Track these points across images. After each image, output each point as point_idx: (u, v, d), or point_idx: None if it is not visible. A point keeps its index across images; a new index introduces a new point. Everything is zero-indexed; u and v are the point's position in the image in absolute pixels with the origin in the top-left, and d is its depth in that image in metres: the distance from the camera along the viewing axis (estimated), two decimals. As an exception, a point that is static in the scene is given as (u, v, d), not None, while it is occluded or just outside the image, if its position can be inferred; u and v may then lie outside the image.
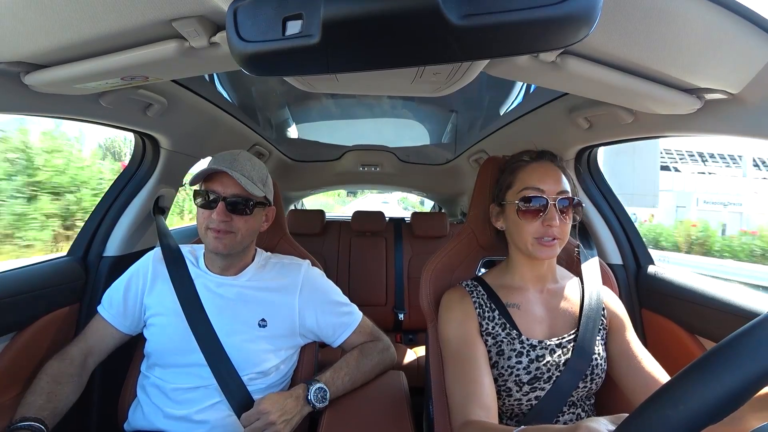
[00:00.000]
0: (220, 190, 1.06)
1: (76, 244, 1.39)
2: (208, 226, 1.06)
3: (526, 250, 0.95)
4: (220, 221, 1.05)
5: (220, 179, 1.06)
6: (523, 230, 0.94)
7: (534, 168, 0.97)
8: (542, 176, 0.94)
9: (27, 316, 1.13)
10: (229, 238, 1.07)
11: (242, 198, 1.07)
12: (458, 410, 0.88)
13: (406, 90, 0.99)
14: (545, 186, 0.93)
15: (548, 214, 0.91)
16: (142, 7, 0.62)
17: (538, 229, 0.92)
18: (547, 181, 0.93)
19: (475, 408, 0.85)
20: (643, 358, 0.94)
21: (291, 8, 0.41)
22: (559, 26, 0.39)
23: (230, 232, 1.06)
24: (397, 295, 2.62)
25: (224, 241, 1.06)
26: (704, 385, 0.42)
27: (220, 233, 1.06)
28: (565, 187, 0.93)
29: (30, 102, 0.95)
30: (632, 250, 1.52)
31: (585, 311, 0.97)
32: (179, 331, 1.07)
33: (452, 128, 2.28)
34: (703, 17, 0.63)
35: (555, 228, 0.91)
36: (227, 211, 1.05)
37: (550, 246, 0.92)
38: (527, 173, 0.96)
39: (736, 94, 0.82)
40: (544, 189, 0.92)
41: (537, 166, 0.97)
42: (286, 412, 0.99)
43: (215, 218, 1.04)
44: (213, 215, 1.05)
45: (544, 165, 0.97)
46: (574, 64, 0.75)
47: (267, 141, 2.25)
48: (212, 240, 1.06)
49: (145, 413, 1.08)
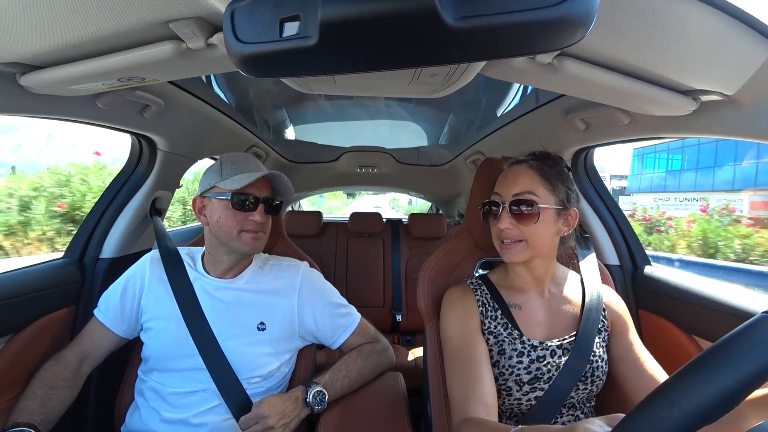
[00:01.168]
0: (257, 192, 1.10)
1: (73, 246, 1.38)
2: (243, 228, 1.09)
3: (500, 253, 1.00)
4: (260, 222, 1.10)
5: (255, 184, 1.10)
6: (492, 234, 1.01)
7: (504, 174, 1.00)
8: (503, 181, 0.99)
9: (22, 318, 1.12)
10: (264, 238, 1.14)
11: (273, 198, 1.15)
12: (458, 407, 0.88)
13: (404, 91, 0.99)
14: (502, 190, 0.97)
15: (499, 217, 0.95)
16: (139, 9, 0.62)
17: (498, 233, 0.97)
18: (503, 185, 0.97)
19: (475, 405, 0.85)
20: (646, 360, 0.95)
21: (288, 9, 0.41)
22: (555, 28, 0.39)
23: (264, 232, 1.13)
24: (395, 297, 2.63)
25: (261, 241, 1.13)
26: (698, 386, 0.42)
27: (258, 234, 1.11)
28: (522, 189, 0.94)
29: (26, 103, 0.94)
30: (629, 250, 1.52)
31: (585, 313, 0.97)
32: (178, 335, 1.06)
33: (449, 129, 2.29)
34: (698, 19, 0.63)
35: (507, 230, 0.94)
36: (265, 212, 1.11)
37: (508, 248, 0.95)
38: (501, 178, 1.01)
39: (732, 96, 0.82)
40: (501, 193, 0.97)
41: (507, 171, 1.00)
42: (285, 416, 0.98)
43: (256, 219, 1.09)
44: (252, 217, 1.09)
45: (513, 169, 0.99)
46: (570, 66, 0.75)
47: (264, 142, 2.25)
48: (250, 241, 1.10)
49: (143, 417, 1.07)
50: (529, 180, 0.95)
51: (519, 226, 0.93)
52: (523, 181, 0.94)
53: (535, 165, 0.97)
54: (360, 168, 2.85)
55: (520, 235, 0.93)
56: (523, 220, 0.93)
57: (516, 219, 0.93)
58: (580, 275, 1.08)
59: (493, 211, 0.98)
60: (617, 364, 0.96)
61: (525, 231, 0.93)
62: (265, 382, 1.11)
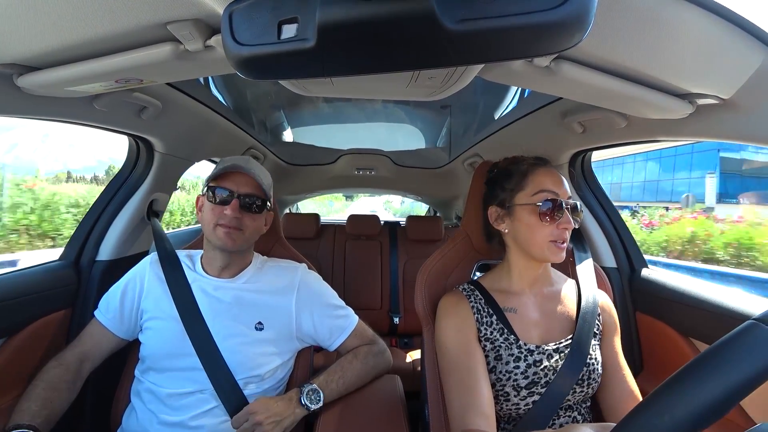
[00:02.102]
0: (234, 187, 1.09)
1: (69, 248, 1.38)
2: (218, 222, 1.08)
3: (539, 252, 0.95)
4: (232, 217, 1.08)
5: (233, 178, 1.10)
6: (537, 233, 0.95)
7: (545, 172, 0.98)
8: (556, 180, 0.96)
9: (18, 321, 1.12)
10: (238, 235, 1.10)
11: (255, 196, 1.12)
12: (457, 419, 0.88)
13: (401, 94, 0.99)
14: (561, 190, 0.95)
15: (564, 218, 0.93)
16: (137, 10, 0.62)
17: (554, 232, 0.93)
18: (560, 186, 0.96)
19: (474, 417, 0.85)
20: (627, 373, 0.98)
21: (286, 12, 0.41)
22: (553, 31, 0.39)
23: (239, 229, 1.09)
24: (393, 299, 2.62)
25: (233, 236, 1.09)
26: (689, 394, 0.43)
27: (230, 229, 1.08)
28: (569, 191, 0.97)
29: (23, 104, 0.94)
30: (626, 253, 1.53)
31: (581, 316, 0.97)
32: (175, 334, 1.06)
33: (447, 132, 2.29)
34: (695, 23, 0.64)
35: (569, 231, 0.94)
36: (240, 208, 1.09)
37: (563, 249, 0.94)
38: (540, 177, 0.97)
39: (728, 99, 0.82)
40: (559, 193, 0.94)
41: (546, 170, 0.98)
42: (276, 414, 0.99)
43: (228, 214, 1.07)
44: (225, 211, 1.07)
45: (552, 170, 0.99)
46: (568, 69, 0.75)
47: (262, 144, 2.25)
48: (222, 235, 1.08)
49: (140, 419, 1.07)
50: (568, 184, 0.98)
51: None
52: (566, 185, 0.97)
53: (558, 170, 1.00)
54: (358, 170, 2.85)
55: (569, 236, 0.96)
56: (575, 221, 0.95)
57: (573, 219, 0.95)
58: (575, 278, 1.08)
59: (554, 210, 0.94)
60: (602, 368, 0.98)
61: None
62: (263, 383, 1.10)
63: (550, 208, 0.94)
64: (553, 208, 0.94)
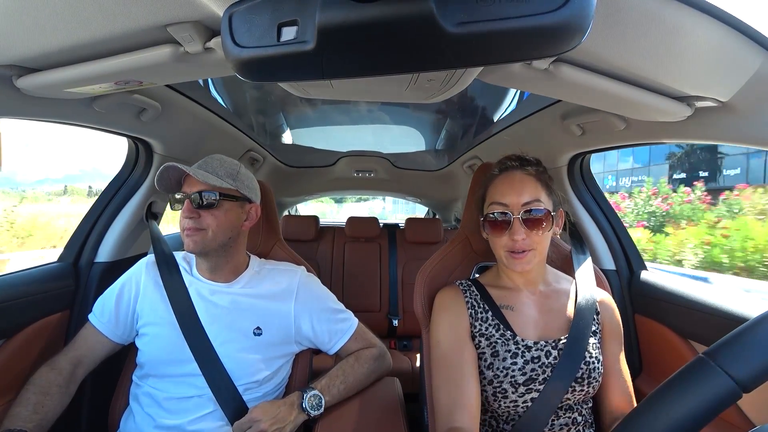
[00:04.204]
0: (187, 190, 1.07)
1: (68, 249, 1.37)
2: (183, 228, 1.06)
3: (501, 262, 0.98)
4: (187, 218, 1.05)
5: (188, 181, 1.08)
6: (495, 244, 0.97)
7: (500, 181, 0.98)
8: (505, 190, 0.95)
9: (16, 323, 1.11)
10: (199, 236, 1.06)
11: (207, 191, 1.06)
12: (444, 415, 0.88)
13: (401, 96, 0.99)
14: (508, 199, 0.94)
15: (512, 229, 0.92)
16: (136, 12, 0.62)
17: (507, 243, 0.94)
18: (509, 194, 0.94)
19: (461, 414, 0.86)
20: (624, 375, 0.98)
21: (286, 14, 0.41)
22: (552, 34, 0.39)
23: (200, 229, 1.06)
24: (391, 301, 2.62)
25: (194, 238, 1.06)
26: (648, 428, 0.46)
27: (190, 231, 1.05)
28: (531, 197, 0.93)
29: (22, 106, 0.94)
30: (625, 255, 1.53)
31: (577, 314, 0.97)
32: (173, 340, 1.05)
33: (446, 135, 2.30)
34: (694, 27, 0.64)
35: (520, 242, 0.92)
36: (193, 207, 1.05)
37: (520, 258, 0.93)
38: (494, 187, 0.98)
39: (726, 102, 0.83)
40: (507, 203, 0.94)
41: (503, 178, 0.98)
42: (279, 420, 0.98)
43: (183, 217, 1.05)
44: (183, 215, 1.06)
45: (510, 176, 0.97)
46: (566, 72, 0.76)
47: (261, 146, 2.25)
48: (185, 240, 1.06)
49: (137, 423, 1.06)
50: (533, 188, 0.94)
51: (530, 235, 0.92)
52: (529, 190, 0.94)
53: (533, 171, 0.97)
54: (357, 172, 2.86)
55: (531, 244, 0.92)
56: (534, 228, 0.92)
57: (528, 228, 0.92)
58: (573, 278, 1.08)
59: (501, 222, 0.94)
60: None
61: (534, 239, 0.92)
62: (261, 387, 1.10)
63: (496, 222, 0.95)
64: (498, 221, 0.95)
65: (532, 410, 0.91)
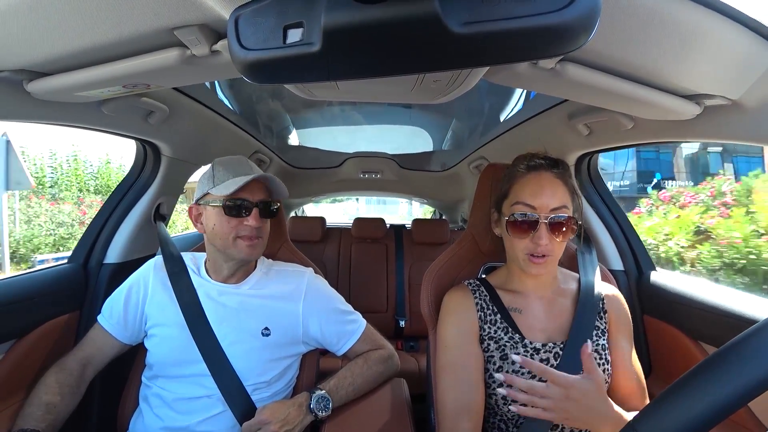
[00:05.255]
0: (250, 197, 1.07)
1: (77, 251, 1.39)
2: (238, 234, 1.06)
3: (518, 263, 0.95)
4: (255, 227, 1.06)
5: (249, 188, 1.07)
6: (514, 245, 0.94)
7: (528, 180, 0.94)
8: (535, 191, 0.91)
9: (27, 323, 1.13)
10: (260, 244, 1.10)
11: (271, 202, 1.11)
12: (449, 419, 0.88)
13: (407, 97, 0.99)
14: (537, 202, 0.90)
15: (537, 233, 0.89)
16: (144, 16, 0.63)
17: (528, 246, 0.91)
18: (540, 197, 0.90)
19: (466, 419, 0.86)
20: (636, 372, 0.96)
21: (292, 16, 0.42)
22: (558, 33, 0.39)
23: (260, 237, 1.09)
24: (398, 302, 2.62)
25: (258, 248, 1.09)
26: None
27: (253, 240, 1.07)
28: (560, 203, 0.90)
29: (32, 109, 0.95)
30: (634, 256, 1.52)
31: (576, 317, 0.96)
32: (182, 341, 1.06)
33: (452, 135, 2.29)
34: (702, 24, 0.63)
35: (543, 246, 0.89)
36: (260, 216, 1.08)
37: (540, 263, 0.91)
38: (521, 185, 0.94)
39: (736, 100, 0.82)
40: (535, 206, 0.90)
41: (532, 177, 0.94)
42: (288, 422, 0.98)
43: (251, 225, 1.06)
44: (246, 222, 1.06)
45: (540, 176, 0.93)
46: (573, 71, 0.75)
47: (268, 148, 2.26)
48: (245, 248, 1.07)
49: (146, 423, 1.07)
50: (562, 193, 0.91)
51: (552, 240, 0.89)
52: (559, 195, 0.91)
53: (560, 175, 0.94)
54: (363, 173, 2.86)
55: (551, 249, 0.90)
56: (559, 235, 0.90)
57: (553, 234, 0.89)
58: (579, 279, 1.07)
59: (526, 224, 0.91)
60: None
61: (555, 245, 0.90)
62: (270, 387, 1.10)
63: (521, 223, 0.91)
64: (524, 222, 0.91)
65: None
